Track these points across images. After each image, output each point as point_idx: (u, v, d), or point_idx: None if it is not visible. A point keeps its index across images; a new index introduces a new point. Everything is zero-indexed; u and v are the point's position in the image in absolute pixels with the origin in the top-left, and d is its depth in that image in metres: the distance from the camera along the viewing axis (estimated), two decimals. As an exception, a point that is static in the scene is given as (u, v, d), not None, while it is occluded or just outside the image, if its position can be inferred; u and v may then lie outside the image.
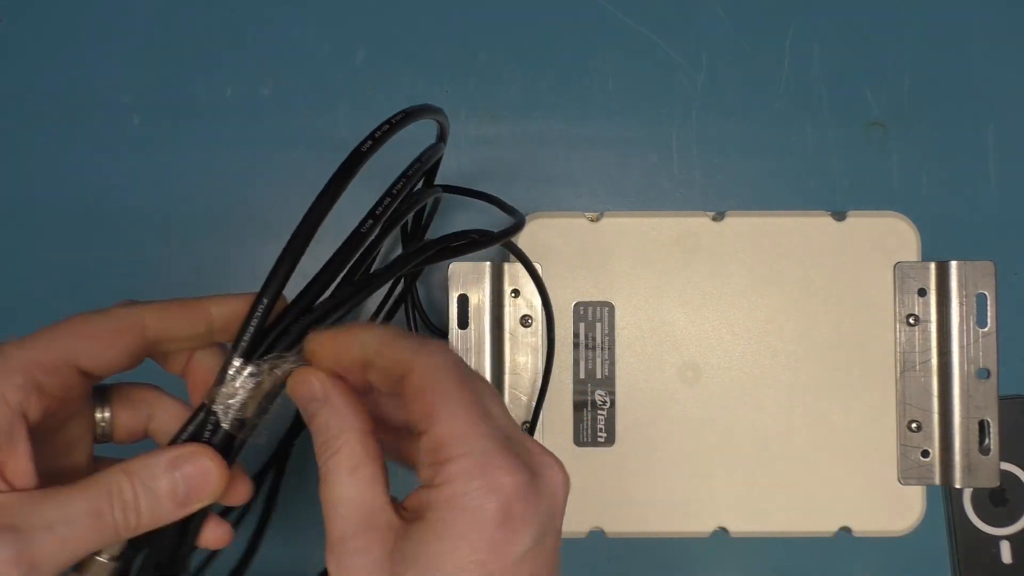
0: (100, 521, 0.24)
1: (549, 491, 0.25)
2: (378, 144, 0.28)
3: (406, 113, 0.29)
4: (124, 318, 0.26)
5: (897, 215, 0.43)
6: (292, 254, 0.26)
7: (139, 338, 0.26)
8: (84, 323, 0.26)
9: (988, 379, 0.41)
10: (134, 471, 0.25)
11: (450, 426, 0.24)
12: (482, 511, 0.23)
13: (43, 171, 0.46)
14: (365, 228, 0.28)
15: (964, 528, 0.45)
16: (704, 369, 0.42)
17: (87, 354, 0.26)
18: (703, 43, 0.46)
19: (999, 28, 0.47)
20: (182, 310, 0.27)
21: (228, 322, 0.28)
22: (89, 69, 0.46)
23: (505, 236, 0.34)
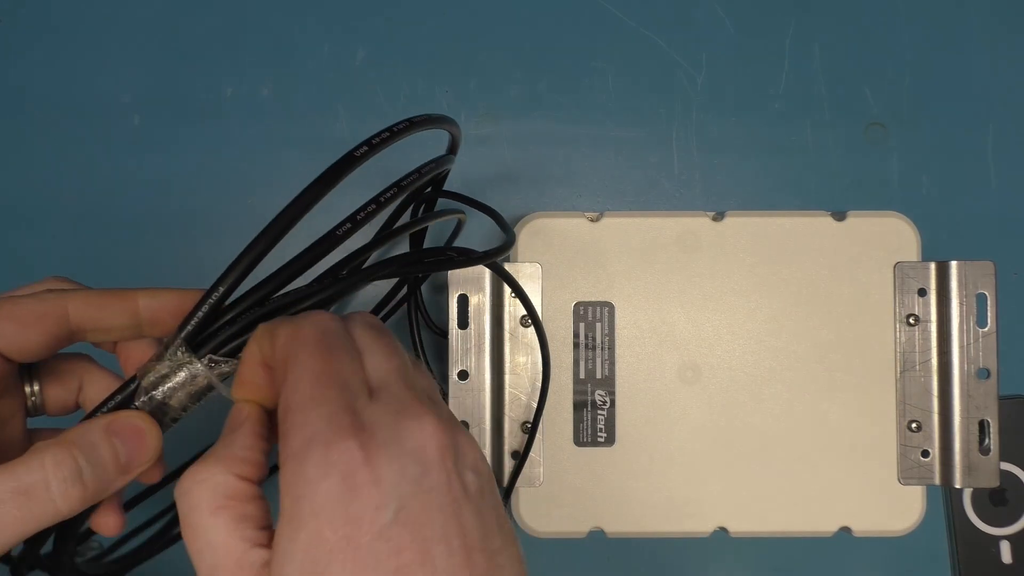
0: (32, 498, 0.22)
1: (409, 447, 0.22)
2: (374, 150, 0.26)
3: (410, 122, 0.28)
4: (47, 303, 0.25)
5: (897, 215, 0.43)
6: (257, 248, 0.25)
7: (62, 325, 0.25)
8: (7, 305, 0.25)
9: (988, 379, 0.41)
10: (72, 441, 0.23)
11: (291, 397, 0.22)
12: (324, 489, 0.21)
13: (43, 171, 0.46)
14: (341, 231, 0.26)
15: (964, 528, 0.45)
16: (704, 369, 0.42)
17: (6, 338, 0.25)
18: (703, 43, 0.46)
19: (999, 28, 0.47)
20: (109, 299, 0.26)
21: (156, 315, 0.27)
22: (89, 69, 0.46)
23: (488, 257, 0.32)
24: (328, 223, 0.27)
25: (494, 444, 0.41)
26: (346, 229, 0.26)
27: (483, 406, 0.41)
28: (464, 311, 0.41)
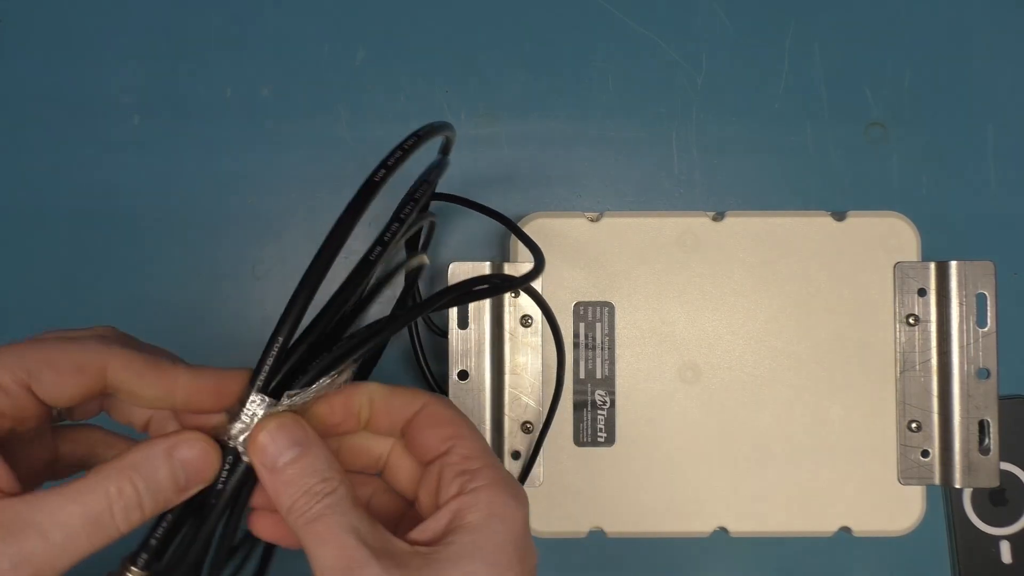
0: (99, 526, 0.24)
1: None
2: (391, 171, 0.27)
3: (418, 136, 0.29)
4: (88, 355, 0.25)
5: (897, 215, 0.43)
6: (307, 289, 0.26)
7: (98, 381, 0.26)
8: (50, 350, 0.25)
9: (988, 379, 0.41)
10: (134, 466, 0.24)
11: (475, 443, 0.27)
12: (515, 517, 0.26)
13: (43, 171, 0.46)
14: (374, 256, 0.28)
15: (964, 528, 0.45)
16: (704, 369, 0.42)
17: (44, 384, 0.25)
18: (703, 43, 0.46)
19: (999, 28, 0.47)
20: (149, 371, 0.26)
21: (193, 396, 0.27)
22: (89, 69, 0.46)
23: (526, 281, 0.33)
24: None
25: (494, 444, 0.41)
26: (378, 252, 0.28)
27: (483, 406, 0.41)
28: (464, 311, 0.41)
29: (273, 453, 0.25)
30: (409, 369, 0.45)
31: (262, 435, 0.25)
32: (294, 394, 0.26)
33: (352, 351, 0.27)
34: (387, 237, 0.28)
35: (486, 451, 0.28)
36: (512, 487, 0.27)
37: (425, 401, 0.28)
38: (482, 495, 0.26)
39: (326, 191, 0.45)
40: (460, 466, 0.27)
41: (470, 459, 0.27)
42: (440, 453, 0.27)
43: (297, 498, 0.25)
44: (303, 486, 0.25)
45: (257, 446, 0.25)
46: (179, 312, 0.45)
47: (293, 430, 0.26)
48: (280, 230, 0.46)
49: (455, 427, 0.28)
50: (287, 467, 0.25)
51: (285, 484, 0.25)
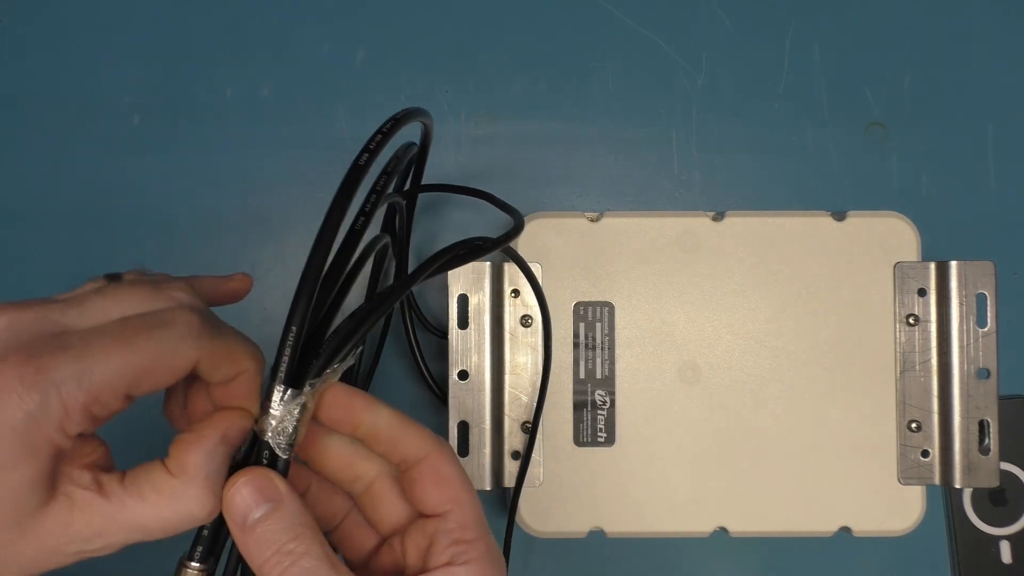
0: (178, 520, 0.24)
1: None
2: (374, 155, 0.28)
3: (395, 120, 0.30)
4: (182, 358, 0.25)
5: (897, 215, 0.43)
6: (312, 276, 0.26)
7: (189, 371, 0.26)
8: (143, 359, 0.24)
9: (988, 379, 0.41)
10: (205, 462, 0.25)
11: (472, 511, 0.28)
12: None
13: (43, 171, 0.46)
14: (359, 225, 0.28)
15: (964, 528, 0.45)
16: (704, 369, 0.42)
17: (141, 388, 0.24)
18: (703, 43, 0.46)
19: (999, 28, 0.47)
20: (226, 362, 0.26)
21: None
22: (89, 69, 0.46)
23: (507, 239, 0.34)
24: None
25: (494, 444, 0.41)
26: (362, 222, 0.28)
27: (483, 406, 0.41)
28: (464, 311, 0.41)
29: (243, 510, 0.25)
30: (409, 369, 0.45)
31: (231, 491, 0.25)
32: (314, 381, 0.26)
33: (358, 327, 0.27)
34: (368, 208, 0.29)
35: (480, 520, 0.28)
36: (497, 559, 0.28)
37: (431, 450, 0.28)
38: (473, 570, 0.27)
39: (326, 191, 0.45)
40: (455, 534, 0.27)
41: (466, 528, 0.27)
42: (436, 513, 0.28)
43: (268, 557, 0.25)
44: (275, 544, 0.25)
45: (227, 503, 0.25)
46: (179, 312, 0.45)
47: (265, 486, 0.25)
48: (280, 230, 0.46)
49: (455, 491, 0.28)
50: (257, 524, 0.25)
51: (256, 542, 0.25)
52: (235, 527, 0.25)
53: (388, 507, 0.29)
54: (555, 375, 0.42)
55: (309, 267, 0.26)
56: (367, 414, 0.28)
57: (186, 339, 0.25)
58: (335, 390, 0.28)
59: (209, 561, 0.26)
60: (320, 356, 0.27)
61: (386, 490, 0.29)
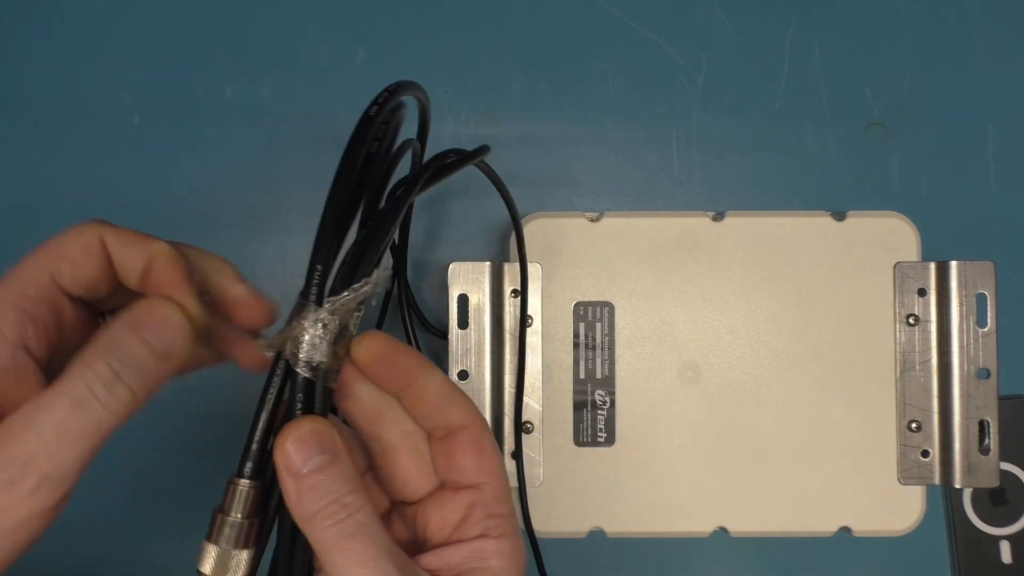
0: (84, 409, 0.23)
1: None
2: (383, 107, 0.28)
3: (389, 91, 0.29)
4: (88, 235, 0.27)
5: (897, 215, 0.43)
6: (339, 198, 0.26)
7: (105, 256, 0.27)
8: (54, 246, 0.26)
9: (988, 379, 0.41)
10: (102, 346, 0.24)
11: (504, 484, 0.28)
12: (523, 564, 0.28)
13: (43, 171, 0.46)
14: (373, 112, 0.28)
15: (964, 528, 0.45)
16: (704, 369, 0.42)
17: (66, 277, 0.26)
18: (703, 43, 0.46)
19: (999, 29, 0.47)
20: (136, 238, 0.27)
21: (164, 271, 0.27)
22: (89, 69, 0.46)
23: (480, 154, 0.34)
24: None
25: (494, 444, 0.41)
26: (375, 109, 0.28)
27: (483, 406, 0.41)
28: (464, 311, 0.41)
29: (300, 458, 0.24)
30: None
31: (289, 442, 0.24)
32: (333, 298, 0.26)
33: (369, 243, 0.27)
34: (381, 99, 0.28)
35: (510, 494, 0.28)
36: (520, 536, 0.28)
37: (474, 420, 0.28)
38: (506, 545, 0.27)
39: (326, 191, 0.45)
40: (491, 507, 0.27)
41: (501, 502, 0.28)
42: (472, 483, 0.28)
43: (324, 506, 0.24)
44: (332, 494, 0.24)
45: (283, 451, 0.24)
46: (179, 312, 0.45)
47: (325, 436, 0.24)
48: (280, 230, 0.46)
49: (494, 463, 0.28)
50: (315, 473, 0.24)
51: (312, 491, 0.24)
52: (288, 474, 0.24)
53: (407, 474, 0.28)
54: (555, 375, 0.42)
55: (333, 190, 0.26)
56: (421, 375, 0.27)
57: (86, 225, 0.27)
58: (380, 342, 0.27)
59: (260, 479, 0.25)
60: (338, 275, 0.26)
61: (408, 456, 0.28)
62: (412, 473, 0.29)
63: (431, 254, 0.45)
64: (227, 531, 0.25)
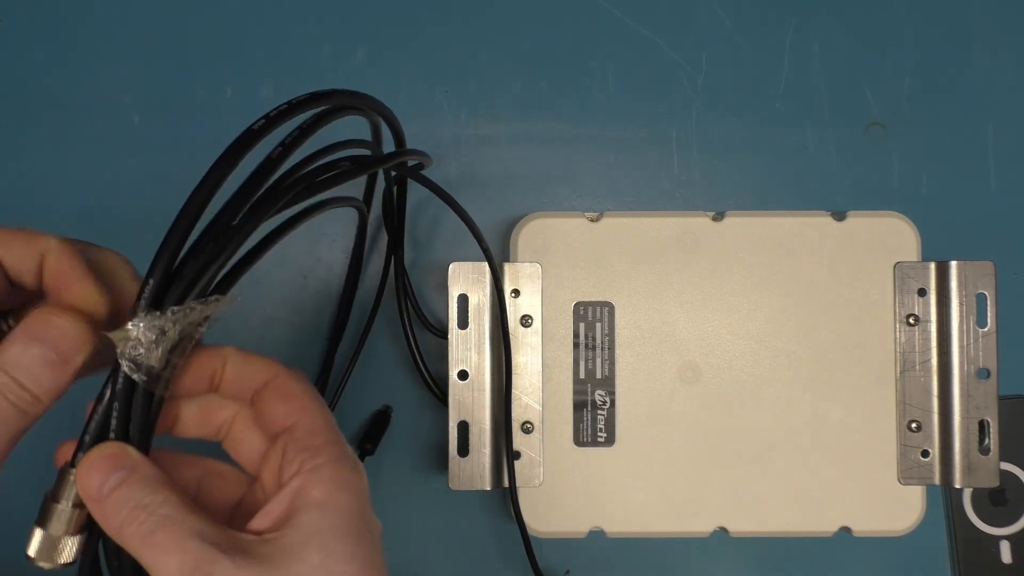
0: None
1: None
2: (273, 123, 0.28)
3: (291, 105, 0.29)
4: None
5: (897, 215, 0.43)
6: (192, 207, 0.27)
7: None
8: None
9: (988, 379, 0.41)
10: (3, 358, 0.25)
11: (318, 418, 0.27)
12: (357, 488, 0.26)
13: (43, 171, 0.46)
14: (275, 155, 0.27)
15: (964, 528, 0.45)
16: (704, 369, 0.42)
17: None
18: (703, 43, 0.46)
19: (999, 28, 0.47)
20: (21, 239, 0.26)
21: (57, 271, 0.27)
22: (89, 69, 0.46)
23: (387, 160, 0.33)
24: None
25: (494, 444, 0.41)
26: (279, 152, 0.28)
27: (483, 406, 0.41)
28: (464, 311, 0.41)
29: (97, 484, 0.24)
30: (409, 370, 0.45)
31: (83, 467, 0.25)
32: (176, 308, 0.25)
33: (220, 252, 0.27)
34: (289, 140, 0.28)
35: (329, 426, 0.27)
36: (352, 460, 0.27)
37: (276, 372, 0.28)
38: (325, 471, 0.26)
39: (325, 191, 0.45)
40: (303, 442, 0.27)
41: (313, 434, 0.27)
42: (284, 428, 0.27)
43: (126, 514, 0.24)
44: (131, 502, 0.24)
45: (81, 479, 0.25)
46: (179, 312, 0.45)
47: (117, 455, 0.25)
48: (280, 230, 0.46)
49: (300, 401, 0.27)
50: (112, 491, 0.24)
51: (112, 506, 0.24)
52: (91, 502, 0.25)
53: (248, 445, 0.29)
54: (555, 375, 0.42)
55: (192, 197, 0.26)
56: (215, 359, 0.28)
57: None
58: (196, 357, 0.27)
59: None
60: (182, 280, 0.26)
61: (244, 429, 0.29)
62: (249, 444, 0.29)
63: (431, 254, 0.45)
64: (55, 518, 0.25)
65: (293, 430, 0.27)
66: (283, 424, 0.27)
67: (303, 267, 0.45)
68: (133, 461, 0.25)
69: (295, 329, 0.45)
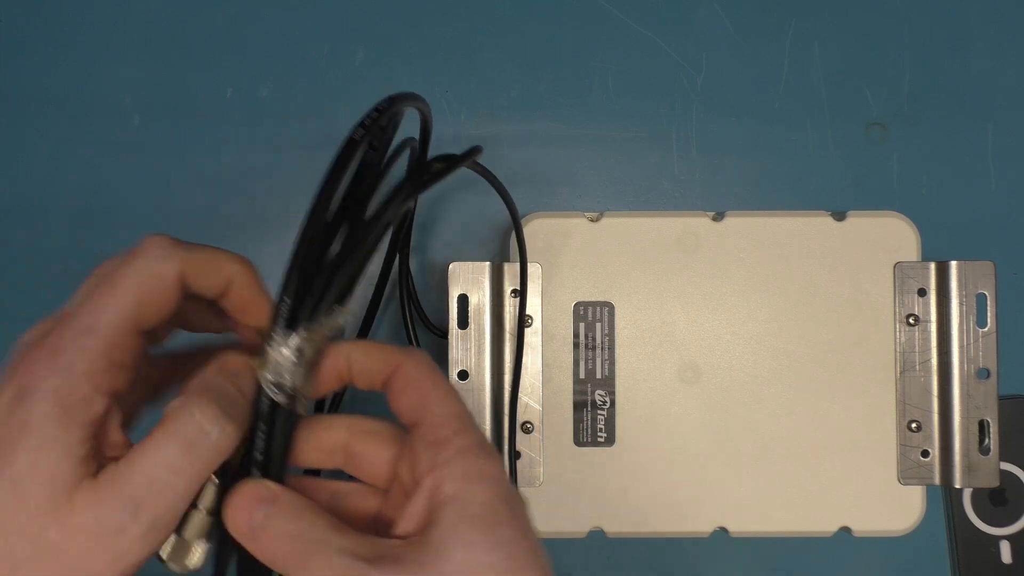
0: (197, 447, 0.24)
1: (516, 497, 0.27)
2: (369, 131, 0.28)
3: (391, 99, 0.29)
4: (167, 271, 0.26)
5: (897, 215, 0.43)
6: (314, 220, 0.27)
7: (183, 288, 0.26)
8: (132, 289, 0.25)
9: (988, 379, 0.41)
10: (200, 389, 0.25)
11: (445, 408, 0.26)
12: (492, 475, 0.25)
13: (43, 171, 0.46)
14: (358, 135, 0.28)
15: (964, 528, 0.45)
16: (704, 369, 0.42)
17: (147, 319, 0.26)
18: (703, 43, 0.46)
19: (999, 28, 0.47)
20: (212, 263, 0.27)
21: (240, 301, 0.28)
22: (89, 69, 0.46)
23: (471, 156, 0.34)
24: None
25: (494, 444, 0.41)
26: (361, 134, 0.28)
27: (483, 406, 0.41)
28: (464, 311, 0.41)
29: (245, 522, 0.25)
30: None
31: (228, 511, 0.25)
32: (309, 324, 0.26)
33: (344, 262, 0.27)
34: (368, 121, 0.28)
35: (454, 414, 0.26)
36: (482, 447, 0.26)
37: (399, 362, 0.27)
38: (455, 465, 0.25)
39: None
40: (429, 436, 0.26)
41: (438, 427, 0.26)
42: (413, 423, 0.27)
43: (278, 546, 0.25)
44: (282, 533, 0.25)
45: (229, 522, 0.25)
46: (179, 312, 0.45)
47: (255, 492, 0.25)
48: (281, 230, 0.46)
49: (423, 393, 0.27)
50: (262, 527, 0.25)
51: (268, 542, 0.25)
52: (246, 541, 0.25)
53: (369, 459, 0.28)
54: (555, 375, 0.42)
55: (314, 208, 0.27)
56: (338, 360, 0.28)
57: (161, 254, 0.26)
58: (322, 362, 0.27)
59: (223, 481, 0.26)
60: (312, 296, 0.26)
61: (363, 444, 0.28)
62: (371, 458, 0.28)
63: (431, 254, 0.45)
64: (189, 523, 0.26)
65: (419, 425, 0.27)
66: (410, 419, 0.27)
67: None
68: (273, 493, 0.25)
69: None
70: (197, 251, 0.27)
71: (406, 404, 0.27)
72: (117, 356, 0.24)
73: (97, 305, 0.25)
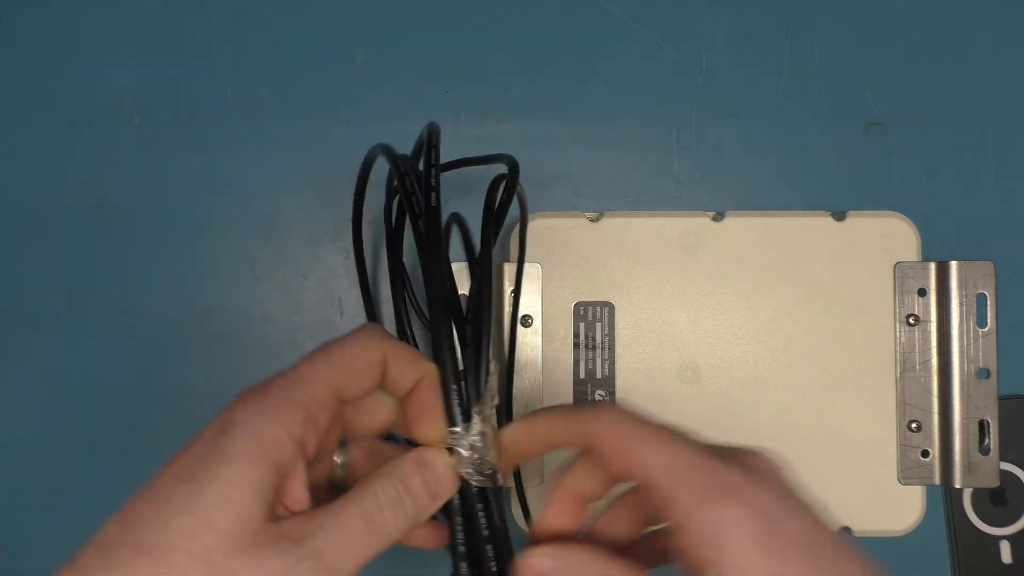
0: (373, 524, 0.26)
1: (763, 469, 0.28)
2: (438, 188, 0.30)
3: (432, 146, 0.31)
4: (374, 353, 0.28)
5: (897, 215, 0.43)
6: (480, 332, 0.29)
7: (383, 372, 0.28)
8: (343, 359, 0.27)
9: (988, 379, 0.41)
10: (391, 474, 0.27)
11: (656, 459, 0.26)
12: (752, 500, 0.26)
13: (43, 171, 0.46)
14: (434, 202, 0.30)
15: (964, 528, 0.45)
16: (704, 369, 0.42)
17: (348, 389, 0.27)
18: (703, 43, 0.46)
19: (999, 28, 0.47)
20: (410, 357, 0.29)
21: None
22: (89, 69, 0.46)
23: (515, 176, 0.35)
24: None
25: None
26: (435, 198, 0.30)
27: (483, 406, 0.41)
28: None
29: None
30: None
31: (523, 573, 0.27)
32: (479, 407, 0.28)
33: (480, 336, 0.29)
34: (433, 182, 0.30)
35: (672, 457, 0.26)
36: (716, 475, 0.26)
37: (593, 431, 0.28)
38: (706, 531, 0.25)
39: (326, 191, 0.45)
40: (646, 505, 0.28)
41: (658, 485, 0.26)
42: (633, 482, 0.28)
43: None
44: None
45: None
46: (179, 312, 0.45)
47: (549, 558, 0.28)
48: (280, 230, 0.46)
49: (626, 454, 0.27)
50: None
51: None
52: None
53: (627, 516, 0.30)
54: (555, 375, 0.42)
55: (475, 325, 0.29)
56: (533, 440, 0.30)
57: (372, 339, 0.28)
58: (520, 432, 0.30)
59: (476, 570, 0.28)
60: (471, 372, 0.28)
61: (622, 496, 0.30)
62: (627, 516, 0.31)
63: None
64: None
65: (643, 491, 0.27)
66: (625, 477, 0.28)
67: (303, 267, 0.45)
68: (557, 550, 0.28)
69: (295, 329, 0.45)
70: (402, 345, 0.29)
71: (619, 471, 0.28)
72: (315, 412, 0.26)
73: (310, 364, 0.27)
